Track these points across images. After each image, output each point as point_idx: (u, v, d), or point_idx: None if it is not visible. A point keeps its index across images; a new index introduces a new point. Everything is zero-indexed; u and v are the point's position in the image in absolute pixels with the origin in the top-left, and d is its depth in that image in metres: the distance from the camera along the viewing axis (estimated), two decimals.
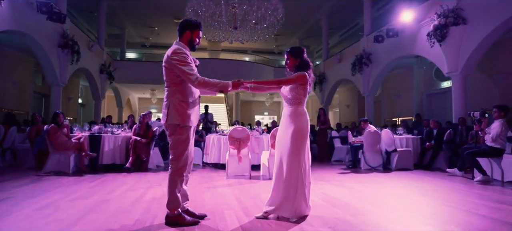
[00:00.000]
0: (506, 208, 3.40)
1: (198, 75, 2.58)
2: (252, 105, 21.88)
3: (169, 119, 2.57)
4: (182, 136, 2.59)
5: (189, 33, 2.71)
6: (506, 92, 8.75)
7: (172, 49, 2.61)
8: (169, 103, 2.59)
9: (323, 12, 15.30)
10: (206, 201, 3.64)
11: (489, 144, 5.31)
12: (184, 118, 2.57)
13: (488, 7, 7.29)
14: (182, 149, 2.60)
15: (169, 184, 2.63)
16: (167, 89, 2.64)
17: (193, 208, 3.22)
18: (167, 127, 2.62)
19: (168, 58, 2.57)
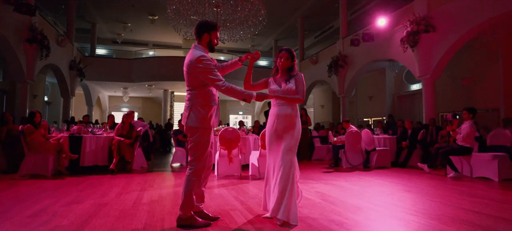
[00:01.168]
0: (484, 202, 3.74)
1: (224, 81, 2.61)
2: (227, 105, 21.83)
3: (189, 121, 2.61)
4: (204, 137, 2.63)
5: (207, 35, 2.72)
6: (469, 95, 9.48)
7: (195, 56, 2.59)
8: (191, 106, 2.62)
9: (299, 14, 15.64)
10: (206, 202, 3.65)
11: (460, 143, 5.77)
12: (205, 120, 2.61)
13: (454, 17, 7.88)
14: (202, 150, 2.63)
15: (186, 185, 2.64)
16: (190, 93, 2.66)
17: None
18: (187, 129, 2.65)
19: (192, 65, 2.58)
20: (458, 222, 2.86)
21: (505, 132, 5.83)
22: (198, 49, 2.67)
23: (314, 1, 14.25)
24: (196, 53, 2.61)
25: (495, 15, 7.09)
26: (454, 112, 5.99)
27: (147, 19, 15.75)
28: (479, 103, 8.78)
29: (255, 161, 5.70)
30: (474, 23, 7.50)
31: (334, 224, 2.80)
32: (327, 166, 7.43)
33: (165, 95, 17.00)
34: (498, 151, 5.62)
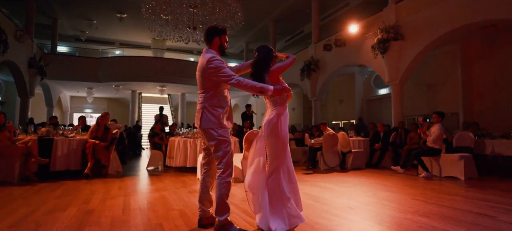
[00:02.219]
0: (460, 199, 4.03)
1: (234, 75, 2.56)
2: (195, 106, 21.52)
3: (203, 123, 2.58)
4: (225, 136, 2.61)
5: (218, 39, 2.72)
6: (432, 99, 10.17)
7: (206, 58, 2.60)
8: (203, 108, 2.61)
9: (271, 18, 15.84)
10: None
11: (430, 145, 6.17)
12: (219, 121, 2.59)
13: (420, 27, 8.41)
14: (228, 148, 2.60)
15: (220, 190, 2.54)
16: (203, 95, 2.65)
17: (191, 214, 3.18)
18: (204, 131, 2.61)
19: (204, 68, 2.58)
20: (445, 219, 3.06)
21: (468, 134, 6.33)
22: (209, 52, 2.67)
23: (286, 5, 14.51)
24: (207, 56, 2.62)
25: (455, 27, 7.68)
26: (425, 116, 6.42)
27: (115, 17, 15.07)
28: (441, 107, 9.43)
29: (238, 163, 5.67)
30: (437, 34, 8.07)
31: (336, 225, 2.87)
32: (305, 168, 7.58)
33: (133, 97, 16.38)
34: (463, 152, 6.09)
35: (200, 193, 2.72)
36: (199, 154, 6.21)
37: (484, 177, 6.06)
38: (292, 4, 14.35)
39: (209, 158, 2.76)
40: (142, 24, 15.91)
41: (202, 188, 2.74)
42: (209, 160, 2.76)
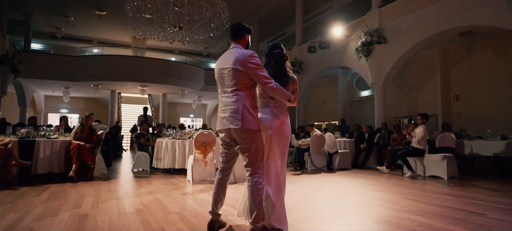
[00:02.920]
0: (448, 197, 4.19)
1: (273, 80, 2.49)
2: (178, 107, 21.18)
3: (245, 124, 2.41)
4: (260, 139, 2.51)
5: (247, 37, 2.68)
6: (412, 102, 10.54)
7: (246, 53, 2.47)
8: (242, 108, 2.43)
9: (255, 19, 15.86)
10: (196, 209, 3.51)
11: (415, 145, 6.39)
12: (257, 123, 2.50)
13: (403, 31, 8.70)
14: (263, 153, 2.52)
15: (255, 196, 2.42)
16: (238, 93, 2.46)
17: (191, 217, 3.14)
18: (244, 133, 2.43)
19: (244, 62, 2.43)
20: (439, 217, 3.18)
21: (450, 135, 6.60)
22: (241, 48, 2.57)
23: (270, 7, 14.61)
24: (246, 51, 2.50)
25: (435, 32, 8.01)
26: (410, 117, 6.65)
27: (94, 14, 14.60)
28: (421, 109, 9.79)
29: None
30: (418, 38, 8.37)
31: (337, 225, 2.91)
32: (293, 169, 7.64)
33: (113, 96, 15.88)
34: (446, 152, 6.34)
35: (216, 196, 2.64)
36: (188, 155, 6.12)
37: (464, 176, 6.35)
38: (276, 6, 14.45)
39: (231, 161, 2.67)
40: (122, 22, 15.60)
41: (220, 190, 2.65)
42: (231, 163, 2.68)
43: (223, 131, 2.54)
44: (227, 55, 2.56)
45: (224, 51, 9.03)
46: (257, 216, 2.41)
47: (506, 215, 3.28)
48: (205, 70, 16.83)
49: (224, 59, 2.56)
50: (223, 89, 2.56)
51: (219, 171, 2.70)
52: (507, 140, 6.62)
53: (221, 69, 2.54)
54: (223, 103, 2.53)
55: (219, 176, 2.69)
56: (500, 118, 8.30)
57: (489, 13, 6.88)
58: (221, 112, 2.54)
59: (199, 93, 17.53)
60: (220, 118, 2.55)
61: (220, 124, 2.55)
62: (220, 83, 2.59)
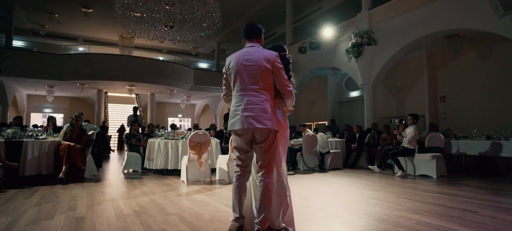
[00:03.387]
0: (441, 196, 4.30)
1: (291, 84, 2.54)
2: (166, 107, 20.93)
3: (273, 125, 2.38)
4: (278, 141, 2.51)
5: (262, 38, 2.69)
6: (400, 102, 10.75)
7: (272, 53, 2.48)
8: (270, 108, 2.40)
9: (245, 19, 15.85)
10: (195, 210, 3.48)
11: (406, 145, 6.53)
12: (278, 124, 2.50)
13: (392, 33, 8.87)
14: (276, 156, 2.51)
15: (266, 195, 2.39)
16: (264, 93, 2.42)
17: (192, 218, 3.10)
18: (269, 132, 2.40)
19: (272, 60, 2.43)
20: (435, 215, 3.26)
21: (439, 135, 6.77)
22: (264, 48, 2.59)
23: (260, 7, 14.62)
24: (272, 51, 2.52)
25: (422, 35, 8.20)
26: (401, 117, 6.79)
27: (80, 11, 14.26)
28: (408, 110, 10.02)
29: (224, 165, 5.61)
30: (406, 40, 8.55)
31: (339, 224, 2.94)
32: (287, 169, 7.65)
33: (99, 96, 15.55)
34: (435, 152, 6.50)
35: (241, 200, 2.50)
36: (181, 156, 6.06)
37: (452, 175, 6.52)
38: (266, 6, 14.48)
39: (250, 163, 2.55)
40: (109, 20, 15.35)
41: (242, 194, 2.51)
42: (250, 165, 2.56)
43: (243, 131, 2.39)
44: (249, 51, 2.51)
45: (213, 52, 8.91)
46: (265, 217, 2.39)
47: (497, 213, 3.39)
48: (194, 70, 16.70)
49: (245, 54, 2.48)
50: (246, 86, 2.43)
51: (239, 176, 2.51)
52: (491, 139, 6.84)
53: (243, 65, 2.45)
54: (247, 101, 2.39)
55: (241, 180, 2.51)
56: (484, 119, 8.56)
57: (474, 17, 7.09)
58: (244, 110, 2.37)
59: (188, 93, 17.37)
60: (241, 117, 2.37)
61: (241, 123, 2.37)
62: (238, 79, 2.46)
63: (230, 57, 2.57)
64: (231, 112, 2.47)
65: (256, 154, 2.49)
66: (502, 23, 6.63)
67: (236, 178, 2.51)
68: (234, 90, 2.50)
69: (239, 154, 2.50)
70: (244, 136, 2.43)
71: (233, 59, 2.52)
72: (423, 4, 8.11)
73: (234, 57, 2.54)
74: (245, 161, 2.51)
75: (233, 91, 2.51)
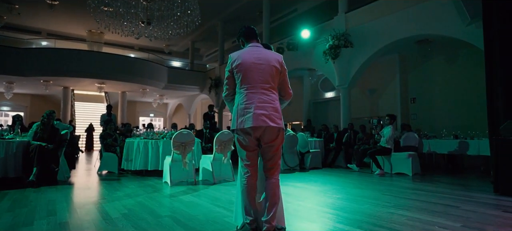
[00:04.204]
0: (422, 193, 4.49)
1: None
2: (137, 106, 20.24)
3: (282, 124, 2.43)
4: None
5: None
6: (374, 103, 11.15)
7: (280, 55, 2.57)
8: (279, 107, 2.46)
9: (220, 18, 15.74)
10: (187, 211, 3.37)
11: (383, 144, 6.77)
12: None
13: (367, 37, 9.17)
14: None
15: (277, 193, 2.42)
16: (274, 92, 2.46)
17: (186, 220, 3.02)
18: (279, 131, 2.43)
19: (281, 62, 2.52)
20: (421, 211, 3.39)
21: (414, 135, 7.10)
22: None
23: (236, 6, 14.57)
24: (278, 53, 2.60)
25: (395, 39, 8.57)
26: (379, 118, 7.04)
27: (44, 3, 13.39)
28: (381, 111, 10.43)
29: (208, 165, 5.51)
30: (381, 44, 8.89)
31: (339, 223, 2.98)
32: None
33: (65, 93, 14.72)
34: (410, 151, 6.80)
35: (252, 201, 2.45)
36: (162, 156, 5.87)
37: (424, 172, 6.86)
38: (242, 5, 14.45)
39: (256, 160, 2.50)
40: (77, 14, 14.60)
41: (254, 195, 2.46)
42: (256, 160, 2.50)
43: (254, 129, 2.34)
44: (256, 50, 2.50)
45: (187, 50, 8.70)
46: (273, 216, 2.37)
47: (476, 207, 3.60)
48: (168, 68, 16.29)
49: (255, 53, 2.47)
50: (256, 84, 2.40)
51: (250, 176, 2.44)
52: (459, 139, 7.29)
53: (254, 63, 2.42)
54: (258, 99, 2.37)
55: (252, 181, 2.46)
56: (452, 119, 9.10)
57: (443, 24, 7.50)
58: (257, 108, 2.34)
59: (161, 92, 16.93)
60: (253, 114, 2.32)
61: (254, 120, 2.31)
62: (248, 77, 2.41)
63: (235, 55, 2.50)
64: (240, 110, 2.39)
65: (264, 154, 2.45)
66: (469, 31, 7.08)
67: (246, 180, 2.45)
68: (241, 88, 2.44)
69: (247, 153, 2.44)
70: (254, 134, 2.37)
71: (240, 57, 2.46)
72: (397, 10, 8.47)
73: (240, 55, 2.48)
74: (254, 159, 2.47)
75: (240, 89, 2.45)
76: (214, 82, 16.00)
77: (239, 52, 2.53)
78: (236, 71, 2.46)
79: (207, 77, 16.96)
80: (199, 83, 17.36)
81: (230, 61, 2.51)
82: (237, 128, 2.38)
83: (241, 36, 2.66)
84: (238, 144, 2.46)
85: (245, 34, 2.63)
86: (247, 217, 2.46)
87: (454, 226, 2.85)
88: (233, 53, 2.53)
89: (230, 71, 2.49)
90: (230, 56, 2.53)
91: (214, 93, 16.18)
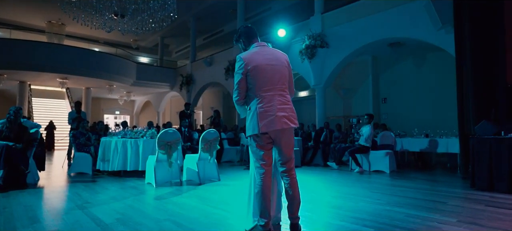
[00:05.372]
0: (407, 189, 4.67)
1: None
2: (102, 103, 19.20)
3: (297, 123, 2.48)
4: None
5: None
6: (347, 103, 11.51)
7: (285, 54, 2.61)
8: (293, 107, 2.48)
9: (192, 14, 15.38)
10: (183, 214, 3.22)
11: (362, 143, 6.98)
12: None
13: (343, 37, 9.43)
14: None
15: (298, 190, 2.50)
16: (288, 93, 2.51)
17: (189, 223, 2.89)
18: (293, 132, 2.51)
19: (288, 62, 2.56)
20: (413, 207, 3.52)
21: (390, 134, 7.40)
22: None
23: (210, 3, 14.32)
24: (284, 53, 2.60)
25: (370, 41, 8.90)
26: (358, 117, 7.26)
27: None
28: (355, 110, 10.80)
29: (193, 165, 5.32)
30: (355, 45, 9.19)
31: (338, 221, 2.99)
32: (245, 167, 7.62)
33: (22, 89, 13.57)
34: (386, 149, 7.08)
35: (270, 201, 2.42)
36: (142, 155, 5.59)
37: (399, 169, 7.18)
38: (216, 3, 14.22)
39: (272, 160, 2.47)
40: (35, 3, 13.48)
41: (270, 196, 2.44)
42: (272, 159, 2.48)
43: (277, 131, 2.35)
44: (265, 50, 2.48)
45: (156, 46, 8.39)
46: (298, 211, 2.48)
47: (462, 202, 3.81)
48: (137, 64, 15.62)
49: (266, 54, 2.45)
50: (274, 86, 2.39)
51: (266, 177, 2.40)
52: (429, 138, 7.72)
53: (268, 64, 2.40)
54: (278, 101, 2.37)
55: (270, 180, 2.44)
56: (420, 119, 9.61)
57: (415, 28, 7.89)
58: (278, 111, 2.34)
59: (129, 88, 16.19)
60: (275, 117, 2.32)
61: (278, 123, 2.32)
62: (264, 79, 2.37)
63: (246, 58, 2.39)
64: (260, 113, 2.33)
65: (284, 152, 2.44)
66: (439, 35, 7.51)
67: (263, 180, 2.39)
68: (257, 90, 2.37)
69: (265, 152, 2.41)
70: (272, 134, 2.38)
71: (254, 59, 2.39)
72: (372, 13, 8.77)
73: (252, 57, 2.41)
74: (270, 158, 2.47)
75: (256, 92, 2.37)
76: (185, 80, 15.61)
77: (249, 53, 2.46)
78: (251, 75, 2.37)
79: (178, 74, 16.51)
80: (170, 80, 16.85)
81: (242, 63, 2.39)
82: (259, 132, 2.33)
83: (241, 37, 2.60)
84: (255, 145, 2.40)
85: (246, 34, 2.58)
86: (262, 219, 2.41)
87: (450, 221, 2.98)
88: (243, 55, 2.43)
89: (243, 74, 2.39)
90: (241, 58, 2.42)
91: (185, 91, 15.78)
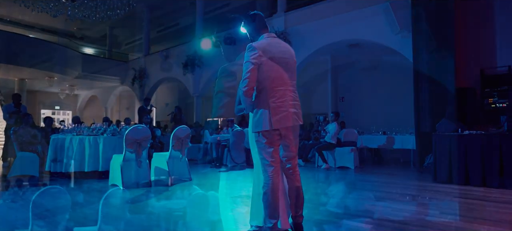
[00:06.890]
0: (381, 185, 4.85)
1: None
2: (38, 97, 17.19)
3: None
4: None
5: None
6: (307, 102, 11.74)
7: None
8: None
9: (147, 4, 14.50)
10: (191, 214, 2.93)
11: (329, 140, 7.15)
12: None
13: (305, 37, 9.58)
14: None
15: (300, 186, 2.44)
16: (295, 88, 2.41)
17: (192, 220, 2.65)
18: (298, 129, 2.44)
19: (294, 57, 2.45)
20: (394, 201, 3.65)
21: (353, 131, 7.68)
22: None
23: None
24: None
25: (331, 42, 9.21)
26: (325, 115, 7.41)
27: None
28: (314, 108, 11.08)
29: (162, 164, 4.93)
30: (316, 46, 9.44)
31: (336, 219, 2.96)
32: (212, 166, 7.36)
33: None
34: (350, 146, 7.34)
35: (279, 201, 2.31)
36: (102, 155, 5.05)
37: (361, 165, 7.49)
38: None
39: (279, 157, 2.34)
40: None
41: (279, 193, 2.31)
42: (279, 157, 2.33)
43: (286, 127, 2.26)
44: (277, 42, 2.39)
45: (104, 36, 7.83)
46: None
47: (434, 195, 4.02)
48: (83, 55, 14.27)
49: (278, 46, 2.35)
50: (286, 81, 2.30)
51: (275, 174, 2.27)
52: (387, 135, 8.21)
53: (281, 58, 2.30)
54: (290, 97, 2.28)
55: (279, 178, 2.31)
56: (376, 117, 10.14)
57: (373, 31, 8.31)
58: (291, 107, 2.26)
59: (73, 81, 14.71)
60: (289, 113, 2.24)
61: (290, 119, 2.25)
62: (278, 72, 2.28)
63: (261, 47, 2.24)
64: (273, 108, 2.20)
65: (291, 149, 2.36)
66: (396, 39, 7.99)
67: (272, 179, 2.24)
68: (269, 84, 2.23)
69: (274, 149, 2.26)
70: (285, 131, 2.28)
71: (268, 50, 2.25)
72: (334, 14, 9.04)
73: (266, 48, 2.25)
74: (278, 155, 2.35)
75: (268, 86, 2.23)
76: (138, 74, 14.66)
77: (262, 43, 2.30)
78: (265, 67, 2.22)
79: (130, 68, 15.45)
80: (120, 74, 15.69)
81: (256, 53, 2.21)
82: (271, 128, 2.17)
83: (256, 20, 2.48)
84: (265, 142, 2.23)
85: (260, 21, 2.48)
86: (270, 220, 2.26)
87: (434, 213, 3.12)
88: (257, 44, 2.27)
89: (256, 64, 2.21)
90: (253, 46, 2.25)
91: (138, 86, 14.82)
